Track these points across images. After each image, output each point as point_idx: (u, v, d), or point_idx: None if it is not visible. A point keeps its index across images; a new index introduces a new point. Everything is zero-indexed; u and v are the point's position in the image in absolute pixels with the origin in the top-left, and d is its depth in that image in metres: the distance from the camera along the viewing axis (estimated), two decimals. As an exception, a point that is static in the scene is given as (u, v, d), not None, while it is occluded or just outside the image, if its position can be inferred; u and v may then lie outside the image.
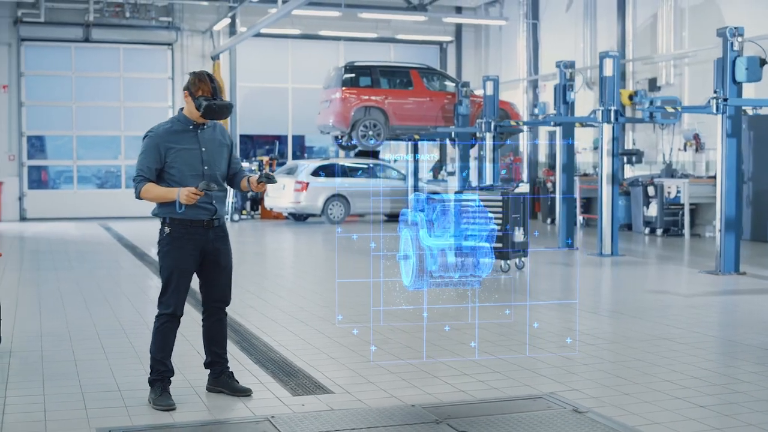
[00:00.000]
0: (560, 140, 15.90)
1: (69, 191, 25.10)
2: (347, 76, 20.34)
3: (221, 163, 5.64)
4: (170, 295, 5.54)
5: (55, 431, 5.00)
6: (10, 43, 24.03)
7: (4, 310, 8.89)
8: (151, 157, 5.45)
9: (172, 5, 25.16)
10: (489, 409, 5.39)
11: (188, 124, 5.54)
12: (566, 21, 23.07)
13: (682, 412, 5.35)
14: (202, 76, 5.53)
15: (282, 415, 5.27)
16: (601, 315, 8.95)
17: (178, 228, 5.49)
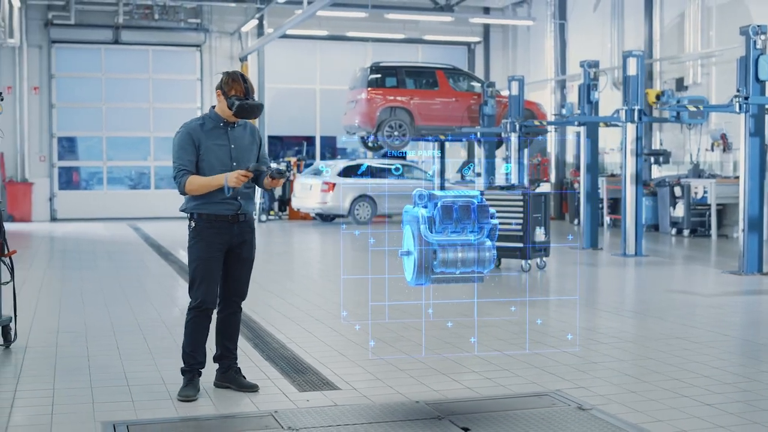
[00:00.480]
0: (584, 140, 15.82)
1: (99, 192, 25.34)
2: (373, 77, 20.35)
3: (250, 160, 5.72)
4: (197, 289, 5.64)
5: (60, 424, 5.06)
6: (41, 45, 24.31)
7: (26, 307, 9.05)
8: (188, 150, 5.57)
9: (201, 7, 25.32)
10: (493, 406, 5.39)
11: (219, 121, 5.65)
12: (594, 21, 22.95)
13: (687, 410, 5.31)
14: (236, 76, 5.64)
15: (286, 410, 5.30)
16: (617, 314, 8.90)
17: (203, 223, 5.60)
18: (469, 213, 5.47)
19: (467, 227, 5.51)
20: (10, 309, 7.30)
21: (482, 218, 5.54)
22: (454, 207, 5.45)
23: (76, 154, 25.63)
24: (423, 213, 5.48)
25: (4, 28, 20.20)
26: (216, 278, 5.67)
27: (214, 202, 5.57)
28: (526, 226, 12.04)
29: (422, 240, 5.44)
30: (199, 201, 5.57)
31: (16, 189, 23.81)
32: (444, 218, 5.41)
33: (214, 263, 5.64)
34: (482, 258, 5.57)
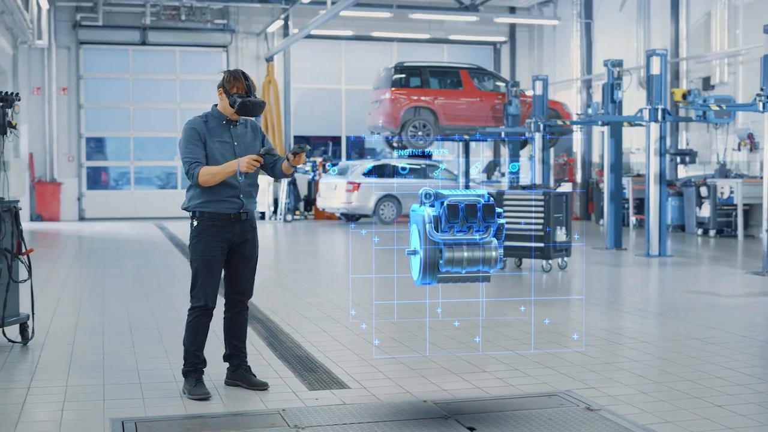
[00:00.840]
0: (608, 140, 15.73)
1: (126, 192, 25.56)
2: (397, 77, 20.36)
3: None
4: (199, 288, 5.65)
5: (69, 420, 5.11)
6: (69, 46, 24.56)
7: (47, 305, 9.15)
8: (197, 144, 5.58)
9: (227, 8, 25.46)
10: (501, 406, 5.37)
11: (222, 119, 5.68)
12: (620, 20, 22.82)
13: (697, 411, 5.27)
14: (237, 74, 5.65)
15: (294, 408, 5.32)
16: (635, 314, 8.84)
17: (205, 221, 5.61)
18: (475, 212, 5.41)
19: (473, 226, 5.45)
20: (28, 307, 7.38)
21: (488, 217, 5.48)
22: (460, 206, 5.40)
23: (103, 154, 25.86)
24: (429, 212, 5.43)
25: (33, 30, 20.40)
26: (217, 277, 5.68)
27: (217, 200, 5.58)
28: (547, 225, 12.01)
29: (428, 239, 5.37)
30: (201, 199, 5.57)
31: (45, 189, 24.06)
32: (450, 217, 5.35)
33: (216, 262, 5.65)
34: (488, 257, 5.51)
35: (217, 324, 6.11)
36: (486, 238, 5.50)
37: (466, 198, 5.46)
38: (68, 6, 24.34)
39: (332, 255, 16.26)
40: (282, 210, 23.62)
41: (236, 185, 5.57)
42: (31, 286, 7.33)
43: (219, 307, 5.84)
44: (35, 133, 23.90)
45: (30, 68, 23.77)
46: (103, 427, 4.96)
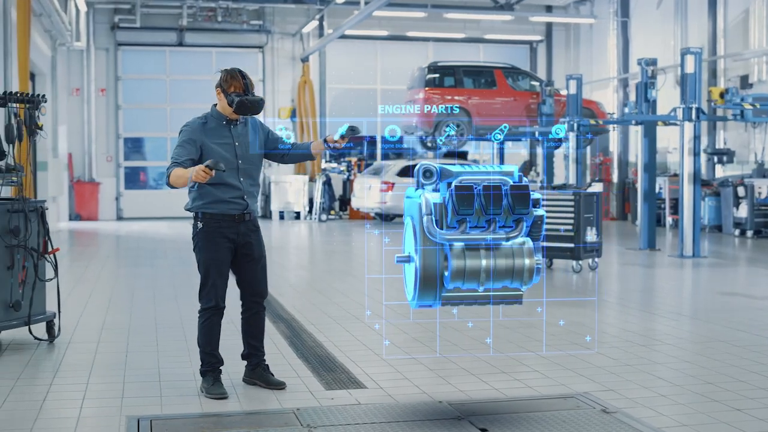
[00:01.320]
0: (641, 139, 15.58)
1: (163, 191, 25.75)
2: (430, 77, 20.33)
3: (255, 157, 5.73)
4: (210, 289, 5.65)
5: (86, 417, 5.17)
6: (108, 48, 24.84)
7: (76, 304, 9.27)
8: (187, 148, 5.53)
9: (263, 9, 25.59)
10: (516, 407, 5.34)
11: (222, 119, 5.65)
12: (657, 18, 22.60)
13: (715, 415, 5.20)
14: (234, 73, 5.61)
15: (308, 408, 5.33)
16: (662, 316, 8.75)
17: (210, 222, 5.59)
18: (499, 198, 4.20)
19: (497, 220, 4.32)
20: (55, 305, 7.48)
21: (519, 205, 4.27)
22: (476, 189, 4.19)
23: (141, 154, 26.12)
24: (428, 198, 4.25)
25: (71, 32, 20.65)
26: (226, 277, 5.69)
27: (222, 201, 5.56)
28: (577, 226, 11.93)
29: (426, 239, 4.27)
30: (205, 200, 5.55)
31: (84, 189, 24.36)
32: (460, 206, 4.16)
33: (224, 264, 5.65)
34: (519, 268, 4.34)
35: (229, 322, 6.15)
36: (516, 236, 4.34)
37: (486, 177, 4.25)
38: (106, 8, 24.62)
39: (360, 255, 16.27)
40: (317, 210, 23.69)
41: (239, 187, 5.57)
42: (57, 284, 7.42)
43: (236, 307, 5.88)
44: (74, 134, 24.21)
45: (69, 70, 24.07)
46: (119, 425, 5.00)
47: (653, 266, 13.13)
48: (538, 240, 4.64)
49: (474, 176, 4.46)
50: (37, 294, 7.11)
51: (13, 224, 6.84)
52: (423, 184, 4.51)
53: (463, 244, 4.48)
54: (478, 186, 4.36)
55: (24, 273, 6.92)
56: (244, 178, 5.60)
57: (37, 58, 17.82)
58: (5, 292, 6.85)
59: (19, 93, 7.00)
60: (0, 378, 6.08)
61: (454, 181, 4.36)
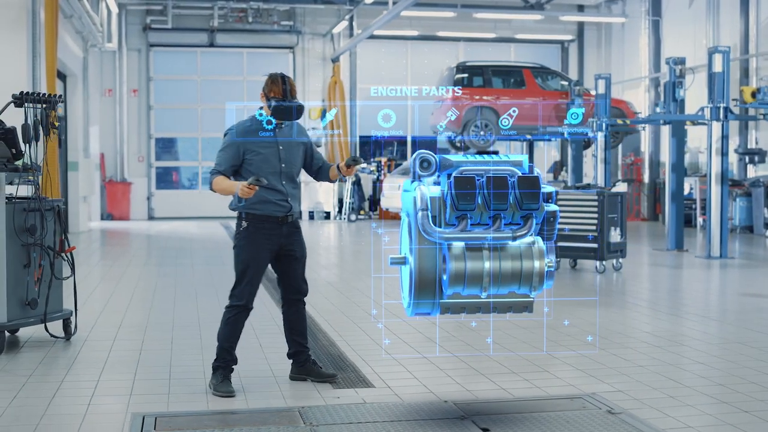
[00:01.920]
0: (669, 139, 15.45)
1: (194, 191, 25.97)
2: (459, 76, 20.28)
3: (297, 161, 5.82)
4: (243, 288, 5.72)
5: (93, 414, 5.22)
6: (140, 49, 25.07)
7: (97, 301, 9.37)
8: (229, 153, 5.68)
9: (294, 9, 25.68)
10: (521, 408, 5.31)
11: (261, 123, 5.73)
12: (689, 17, 22.39)
13: (721, 416, 5.14)
14: (275, 78, 5.74)
15: (313, 406, 5.34)
16: (680, 316, 8.66)
17: (254, 223, 5.68)
18: (505, 192, 3.88)
19: (503, 216, 3.99)
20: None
21: (528, 200, 3.97)
22: (479, 181, 3.84)
23: (172, 155, 26.31)
24: (424, 192, 3.91)
25: (103, 33, 20.86)
26: (260, 278, 5.77)
27: (267, 202, 5.64)
28: (601, 226, 11.85)
29: (422, 238, 4.00)
30: (250, 201, 5.62)
31: (116, 188, 24.59)
32: (460, 200, 3.85)
33: (262, 265, 5.74)
34: (528, 271, 3.99)
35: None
36: (524, 235, 3.99)
37: (491, 168, 3.89)
38: (138, 9, 24.85)
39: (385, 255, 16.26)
40: (346, 210, 23.74)
41: (282, 190, 5.66)
42: (74, 282, 7.50)
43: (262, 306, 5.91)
44: (106, 134, 24.45)
45: (102, 71, 24.32)
46: (123, 422, 5.05)
47: (678, 267, 13.00)
48: (551, 239, 4.30)
49: (477, 167, 4.11)
50: (54, 292, 7.19)
51: (29, 223, 6.92)
52: (420, 175, 4.22)
53: (464, 244, 4.17)
54: (481, 178, 4.03)
55: (40, 271, 7.00)
56: (287, 181, 5.70)
57: (69, 59, 18.03)
58: (21, 290, 6.93)
59: (36, 93, 7.07)
60: (13, 374, 6.17)
61: (454, 172, 4.02)
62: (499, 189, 3.99)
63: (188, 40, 25.39)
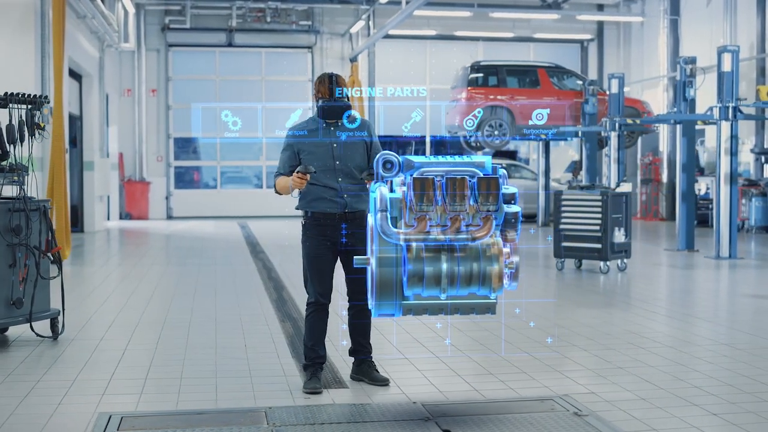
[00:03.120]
0: (680, 139, 15.32)
1: (212, 191, 26.09)
2: (473, 76, 20.23)
3: (356, 157, 5.78)
4: (309, 285, 5.83)
5: (61, 413, 5.25)
6: (159, 49, 25.22)
7: (94, 301, 9.44)
8: (286, 155, 5.84)
9: (312, 9, 25.72)
10: (489, 409, 5.29)
11: (321, 122, 5.81)
12: (707, 16, 22.18)
13: (690, 419, 5.09)
14: (323, 79, 5.85)
15: (281, 407, 5.35)
16: (673, 317, 8.57)
17: (311, 221, 5.78)
18: (463, 192, 4.00)
19: (462, 217, 4.11)
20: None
21: (486, 201, 4.07)
22: (438, 182, 3.99)
23: (190, 155, 26.45)
24: (383, 193, 4.08)
25: (119, 33, 21.01)
26: (327, 274, 5.79)
27: (321, 199, 5.71)
28: (604, 226, 11.78)
29: (381, 239, 4.15)
30: (307, 199, 5.75)
31: (134, 188, 24.76)
32: (418, 201, 3.98)
33: (323, 260, 5.77)
34: (488, 272, 4.04)
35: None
36: (483, 236, 4.06)
37: (452, 169, 4.02)
38: (157, 10, 25.00)
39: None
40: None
41: (335, 187, 5.69)
42: (61, 282, 7.55)
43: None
44: (125, 134, 24.63)
45: (121, 71, 24.49)
46: (89, 421, 5.08)
47: (685, 267, 12.88)
48: (514, 241, 4.32)
49: (438, 167, 4.20)
50: (40, 292, 7.25)
51: (14, 223, 6.98)
52: (383, 176, 4.32)
53: (423, 246, 4.25)
54: (440, 177, 4.12)
55: (26, 271, 7.06)
56: (343, 178, 5.74)
57: (83, 59, 18.17)
58: (6, 289, 7.00)
59: (21, 94, 7.13)
60: (-7, 373, 6.23)
61: (415, 173, 4.11)
62: (457, 190, 4.01)
63: (207, 40, 25.52)
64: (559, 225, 12.25)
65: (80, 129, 19.58)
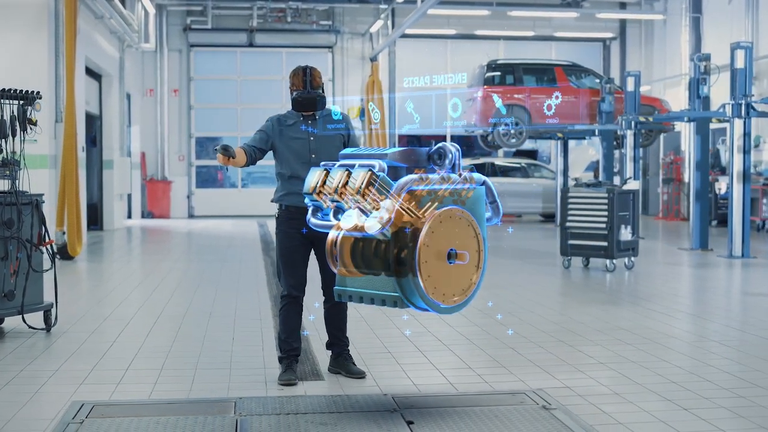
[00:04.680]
0: (693, 136, 15.20)
1: (233, 190, 26.25)
2: (489, 75, 20.21)
3: (332, 150, 5.72)
4: (282, 279, 5.88)
5: (35, 402, 5.33)
6: (181, 49, 25.42)
7: (94, 295, 9.54)
8: (258, 136, 5.88)
9: (333, 9, 25.80)
10: (458, 402, 5.30)
11: (298, 116, 5.85)
12: (729, 14, 21.97)
13: (659, 414, 5.06)
14: (297, 71, 5.86)
15: (252, 397, 5.39)
16: (668, 314, 8.49)
17: (283, 214, 5.83)
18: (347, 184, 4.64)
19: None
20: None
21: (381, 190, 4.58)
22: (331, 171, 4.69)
23: (212, 154, 26.61)
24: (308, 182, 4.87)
25: (139, 34, 21.20)
26: (300, 267, 5.82)
27: (294, 194, 5.70)
28: (610, 224, 11.72)
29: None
30: (281, 192, 5.80)
31: (156, 187, 24.96)
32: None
33: (296, 253, 5.79)
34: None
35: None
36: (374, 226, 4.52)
37: (358, 162, 4.66)
38: (179, 10, 25.21)
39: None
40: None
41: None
42: (54, 275, 7.66)
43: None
44: (147, 134, 24.84)
45: (143, 71, 24.72)
46: (59, 410, 5.14)
47: (695, 266, 12.78)
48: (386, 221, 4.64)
49: (352, 160, 4.76)
50: (33, 284, 7.35)
51: (6, 216, 7.09)
52: (435, 167, 4.85)
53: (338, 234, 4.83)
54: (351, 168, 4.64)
55: (17, 264, 7.16)
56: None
57: (102, 59, 18.36)
58: (-2, 281, 7.11)
59: (13, 90, 7.24)
60: (-21, 363, 6.33)
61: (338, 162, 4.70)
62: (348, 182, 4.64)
63: (228, 41, 25.68)
64: (565, 223, 12.21)
65: (100, 128, 19.78)
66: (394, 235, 4.65)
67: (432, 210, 4.70)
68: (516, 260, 13.15)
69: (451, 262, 4.83)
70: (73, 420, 4.88)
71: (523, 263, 12.91)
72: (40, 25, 13.58)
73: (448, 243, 4.82)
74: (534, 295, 9.76)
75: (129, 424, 4.82)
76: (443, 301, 4.85)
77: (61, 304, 8.60)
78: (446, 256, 4.82)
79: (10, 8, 13.56)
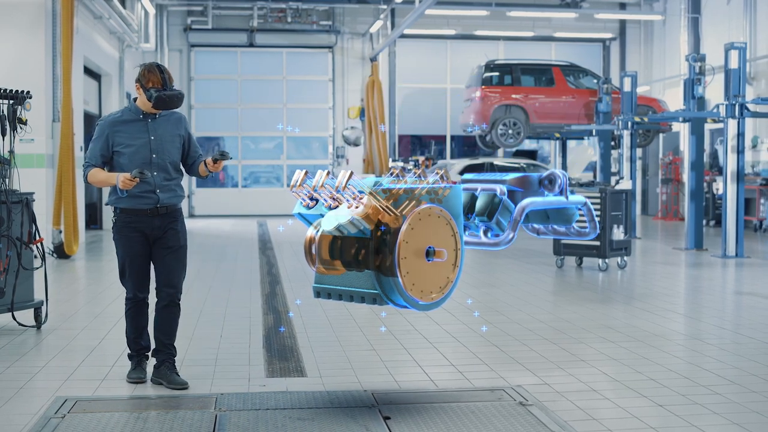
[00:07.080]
0: (688, 137, 15.24)
1: (234, 190, 26.33)
2: (487, 75, 20.26)
3: (173, 152, 5.72)
4: (126, 281, 5.77)
5: (19, 397, 5.41)
6: (181, 49, 25.50)
7: (90, 294, 9.61)
8: (98, 144, 5.65)
9: (333, 9, 25.86)
10: (436, 398, 5.36)
11: (139, 114, 5.69)
12: (727, 14, 21.99)
13: (634, 410, 5.12)
14: (152, 68, 5.66)
15: (232, 393, 5.46)
16: (655, 313, 8.53)
17: (123, 217, 5.67)
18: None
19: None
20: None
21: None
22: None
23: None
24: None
25: (139, 34, 21.27)
26: (143, 270, 5.73)
27: (133, 196, 5.59)
28: (603, 224, 11.77)
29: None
30: (118, 195, 5.61)
31: (157, 186, 24.98)
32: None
33: (138, 257, 5.69)
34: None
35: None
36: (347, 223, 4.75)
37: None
38: (179, 11, 25.28)
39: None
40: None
41: (150, 181, 5.58)
42: (45, 273, 7.74)
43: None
44: (148, 133, 24.87)
45: (144, 71, 24.74)
46: (42, 405, 5.21)
47: (688, 266, 12.82)
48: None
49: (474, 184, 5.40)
50: (23, 282, 7.42)
51: (-5, 215, 7.16)
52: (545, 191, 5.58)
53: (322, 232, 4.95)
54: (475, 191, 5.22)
55: (7, 261, 7.24)
56: (158, 172, 5.63)
57: (102, 59, 18.44)
58: (-13, 279, 7.18)
59: (2, 89, 7.31)
60: (-33, 360, 6.40)
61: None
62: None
63: (228, 41, 25.74)
64: (558, 222, 12.24)
65: (99, 128, 19.81)
66: (373, 232, 4.73)
67: (411, 207, 4.77)
68: (510, 259, 13.20)
69: (430, 260, 4.91)
70: (56, 415, 4.96)
71: (516, 262, 12.96)
72: (37, 24, 13.67)
73: (427, 240, 4.91)
74: (525, 294, 9.81)
75: (110, 419, 4.90)
76: (421, 297, 4.93)
77: (53, 301, 8.71)
78: (425, 254, 4.89)
79: (6, 8, 13.66)
